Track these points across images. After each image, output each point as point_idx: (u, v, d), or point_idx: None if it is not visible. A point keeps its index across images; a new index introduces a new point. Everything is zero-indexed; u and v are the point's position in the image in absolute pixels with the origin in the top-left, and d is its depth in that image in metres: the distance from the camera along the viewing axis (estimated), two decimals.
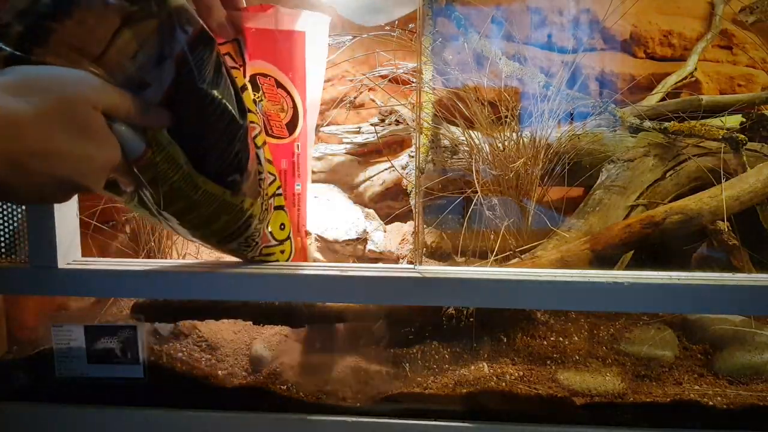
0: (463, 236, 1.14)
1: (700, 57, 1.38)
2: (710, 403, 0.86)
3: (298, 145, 0.85)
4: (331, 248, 1.19)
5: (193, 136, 0.62)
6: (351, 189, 1.32)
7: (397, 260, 1.19)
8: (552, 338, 1.01)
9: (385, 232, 1.24)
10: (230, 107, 0.63)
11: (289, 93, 0.81)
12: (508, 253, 1.06)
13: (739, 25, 1.40)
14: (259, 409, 0.88)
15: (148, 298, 1.01)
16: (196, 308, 1.01)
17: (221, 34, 0.70)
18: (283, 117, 0.83)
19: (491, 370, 0.93)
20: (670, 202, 1.15)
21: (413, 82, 1.18)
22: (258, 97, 0.77)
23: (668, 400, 0.87)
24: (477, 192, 1.13)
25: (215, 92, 0.60)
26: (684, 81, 1.36)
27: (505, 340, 1.00)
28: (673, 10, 1.43)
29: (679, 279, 0.79)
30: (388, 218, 1.26)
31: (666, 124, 1.20)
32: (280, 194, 0.82)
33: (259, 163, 0.75)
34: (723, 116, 1.22)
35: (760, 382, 0.92)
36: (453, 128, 1.20)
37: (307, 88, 0.83)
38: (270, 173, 0.78)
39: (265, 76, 0.80)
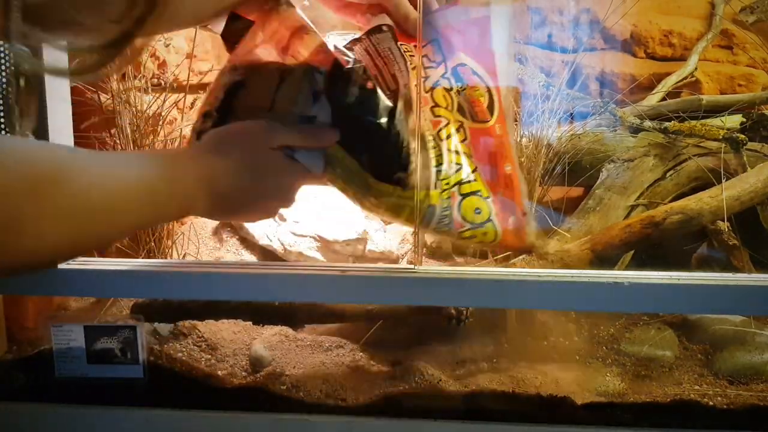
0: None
1: (700, 57, 1.38)
2: (710, 403, 0.86)
3: (498, 127, 0.88)
4: (331, 248, 1.19)
5: (357, 147, 0.74)
6: None
7: (397, 260, 1.19)
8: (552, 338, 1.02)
9: (385, 232, 1.24)
10: (378, 119, 0.74)
11: (482, 79, 0.87)
12: (508, 252, 1.06)
13: (739, 25, 1.40)
14: (259, 409, 0.88)
15: (148, 298, 1.01)
16: (196, 308, 1.01)
17: (419, 37, 0.78)
18: (483, 101, 0.87)
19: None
20: (670, 202, 1.15)
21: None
22: (460, 88, 0.84)
23: (668, 400, 0.87)
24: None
25: (362, 111, 0.73)
26: (684, 81, 1.36)
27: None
28: (673, 10, 1.43)
29: (679, 279, 0.79)
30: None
31: (666, 124, 1.20)
32: (469, 181, 0.83)
33: (441, 155, 0.80)
34: (723, 116, 1.22)
35: (760, 382, 0.92)
36: None
37: (498, 71, 0.87)
38: (457, 163, 0.81)
39: (462, 65, 0.86)
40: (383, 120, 0.74)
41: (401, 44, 0.78)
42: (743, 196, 1.11)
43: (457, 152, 0.83)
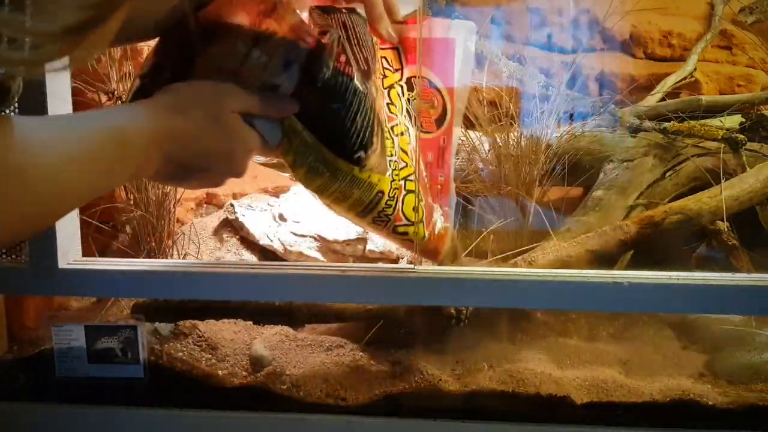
0: (463, 236, 1.14)
1: (699, 57, 1.38)
2: (710, 403, 0.86)
3: (443, 139, 0.94)
4: (331, 248, 1.19)
5: (320, 122, 0.73)
6: None
7: (396, 260, 1.19)
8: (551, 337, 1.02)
9: None
10: (348, 97, 0.73)
11: (440, 92, 0.92)
12: (507, 253, 1.06)
13: (738, 25, 1.40)
14: (259, 409, 0.88)
15: (148, 298, 1.01)
16: (196, 308, 1.01)
17: (388, 41, 0.80)
18: (432, 113, 0.93)
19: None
20: (669, 202, 1.15)
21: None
22: (411, 97, 0.89)
23: (668, 400, 0.87)
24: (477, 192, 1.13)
25: (334, 87, 0.71)
26: (683, 81, 1.36)
27: None
28: (672, 10, 1.43)
29: (679, 279, 0.79)
30: None
31: (665, 124, 1.20)
32: (411, 180, 0.86)
33: (393, 147, 0.82)
34: (722, 116, 1.22)
35: (760, 382, 0.92)
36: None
37: (456, 90, 0.93)
38: (403, 160, 0.84)
39: (420, 77, 0.91)
40: (354, 98, 0.74)
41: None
42: (742, 197, 1.11)
43: (404, 151, 0.85)
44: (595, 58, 1.37)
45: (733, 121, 1.22)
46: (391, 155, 0.82)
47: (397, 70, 0.87)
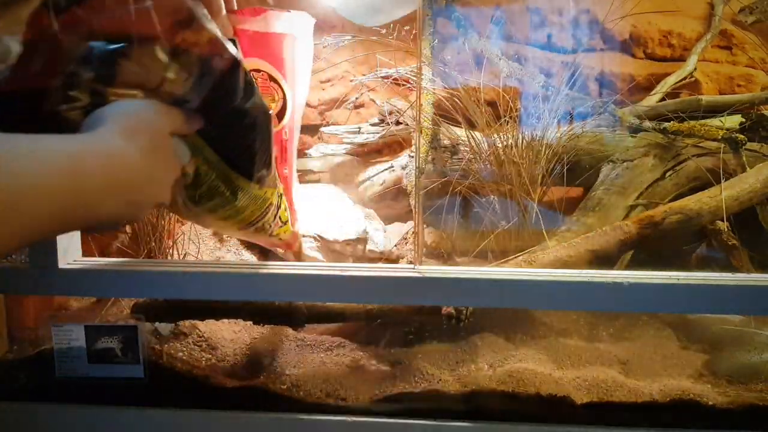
0: (464, 236, 1.14)
1: (699, 57, 1.38)
2: (710, 403, 0.86)
3: (286, 132, 0.94)
4: (331, 248, 1.19)
5: (230, 141, 0.68)
6: (351, 189, 1.32)
7: (396, 260, 1.19)
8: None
9: (385, 232, 1.24)
10: (260, 117, 0.69)
11: (280, 86, 0.91)
12: (513, 257, 1.06)
13: (738, 25, 1.40)
14: (259, 409, 0.88)
15: (148, 298, 1.01)
16: (196, 308, 1.01)
17: (225, 33, 0.74)
18: (273, 107, 0.92)
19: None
20: (669, 202, 1.15)
21: (413, 80, 1.19)
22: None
23: (668, 400, 0.87)
24: (477, 192, 1.13)
25: (246, 106, 0.66)
26: (683, 81, 1.36)
27: None
28: (672, 10, 1.43)
29: (679, 279, 0.79)
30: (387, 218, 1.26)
31: (665, 124, 1.20)
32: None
33: None
34: (722, 116, 1.22)
35: (760, 382, 0.92)
36: (452, 128, 1.20)
37: (296, 81, 0.93)
38: None
39: (258, 71, 0.90)
40: (264, 117, 0.70)
41: None
42: (742, 196, 1.11)
43: None
44: (595, 58, 1.37)
45: (733, 121, 1.22)
46: None
47: None
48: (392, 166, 1.29)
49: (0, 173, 0.43)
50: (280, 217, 0.86)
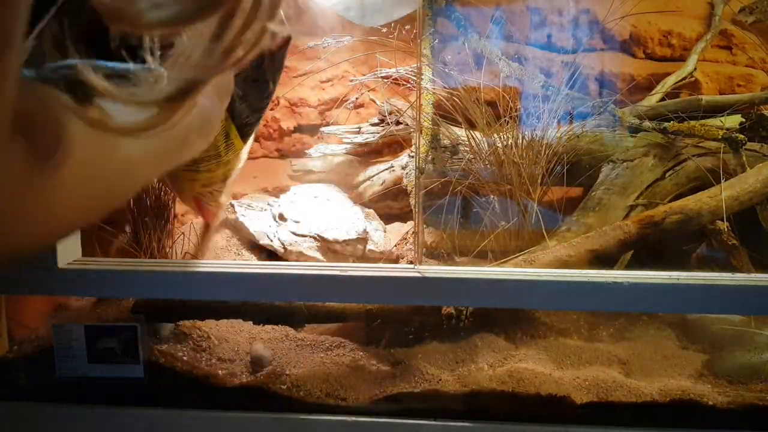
0: (464, 236, 1.14)
1: (699, 57, 1.38)
2: (710, 403, 0.86)
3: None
4: (331, 248, 1.19)
5: (247, 104, 0.74)
6: (351, 189, 1.32)
7: (397, 260, 1.19)
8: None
9: (385, 232, 1.24)
10: (273, 89, 0.75)
11: None
12: (513, 257, 1.06)
13: (738, 25, 1.39)
14: (259, 409, 0.88)
15: (148, 298, 1.01)
16: (196, 308, 1.01)
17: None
18: None
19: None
20: (669, 202, 1.15)
21: (413, 80, 1.19)
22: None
23: (668, 400, 0.87)
24: (477, 192, 1.13)
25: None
26: (683, 81, 1.36)
27: None
28: (672, 9, 1.43)
29: (679, 279, 0.79)
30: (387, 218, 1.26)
31: (665, 124, 1.20)
32: None
33: None
34: (722, 116, 1.22)
35: (760, 382, 0.92)
36: (452, 128, 1.20)
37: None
38: None
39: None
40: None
41: None
42: (742, 196, 1.11)
43: None
44: (595, 58, 1.37)
45: (733, 121, 1.21)
46: None
47: None
48: (392, 166, 1.29)
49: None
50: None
